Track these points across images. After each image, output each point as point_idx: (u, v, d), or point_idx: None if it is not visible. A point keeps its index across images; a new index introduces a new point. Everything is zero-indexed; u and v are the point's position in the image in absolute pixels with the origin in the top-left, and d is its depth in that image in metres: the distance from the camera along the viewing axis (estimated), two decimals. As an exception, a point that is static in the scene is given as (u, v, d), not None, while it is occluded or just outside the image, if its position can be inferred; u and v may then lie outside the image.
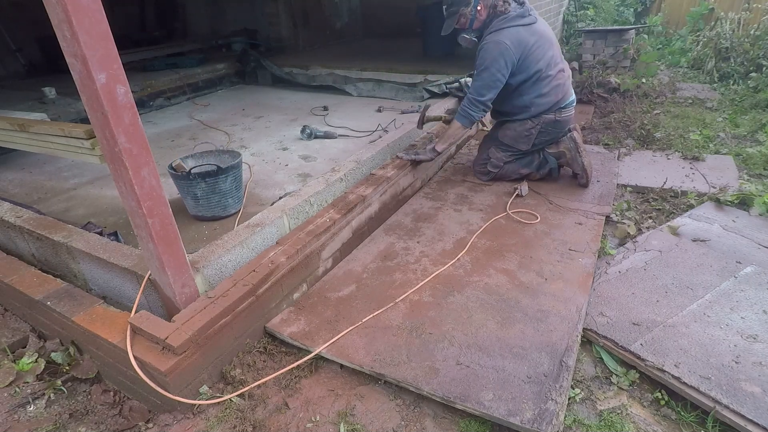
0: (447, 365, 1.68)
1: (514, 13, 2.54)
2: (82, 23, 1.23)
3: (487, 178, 3.04)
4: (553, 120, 2.75)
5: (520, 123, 2.78)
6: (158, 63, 5.42)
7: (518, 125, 2.79)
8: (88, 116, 1.42)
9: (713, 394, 1.54)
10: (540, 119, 2.74)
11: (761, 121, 4.00)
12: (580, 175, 2.92)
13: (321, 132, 3.53)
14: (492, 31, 2.53)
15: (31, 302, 1.98)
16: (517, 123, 2.79)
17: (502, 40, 2.47)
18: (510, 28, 2.51)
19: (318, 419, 1.59)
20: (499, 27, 2.51)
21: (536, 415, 1.46)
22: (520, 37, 2.51)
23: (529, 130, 2.78)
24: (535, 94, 2.68)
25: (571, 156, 2.89)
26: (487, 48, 2.51)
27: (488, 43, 2.50)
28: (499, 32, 2.49)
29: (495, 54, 2.48)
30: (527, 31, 2.55)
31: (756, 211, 2.62)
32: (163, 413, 1.64)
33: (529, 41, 2.54)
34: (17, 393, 1.81)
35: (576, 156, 2.88)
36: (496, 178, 3.02)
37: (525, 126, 2.78)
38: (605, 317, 1.92)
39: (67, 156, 2.34)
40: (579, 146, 2.87)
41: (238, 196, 2.48)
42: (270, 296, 1.93)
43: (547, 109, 2.72)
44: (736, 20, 6.36)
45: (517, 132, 2.82)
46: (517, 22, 2.52)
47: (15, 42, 5.25)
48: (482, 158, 3.03)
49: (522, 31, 2.53)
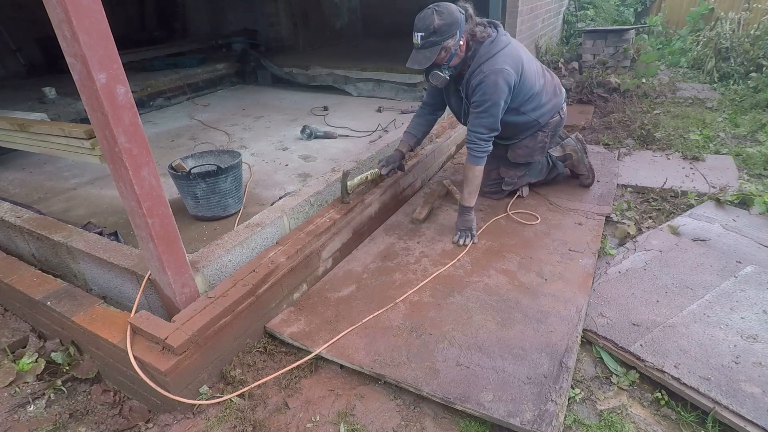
0: (447, 366, 1.68)
1: (495, 34, 2.31)
2: (82, 23, 1.23)
3: (500, 196, 2.87)
4: (559, 119, 2.70)
5: (530, 138, 2.66)
6: (158, 63, 5.42)
7: (529, 141, 2.66)
8: (88, 116, 1.42)
9: (713, 395, 1.54)
10: (548, 126, 2.64)
11: (761, 121, 4.00)
12: (585, 175, 2.91)
13: (321, 132, 3.53)
14: (484, 60, 2.27)
15: (31, 302, 1.97)
16: (527, 139, 2.67)
17: (502, 67, 2.25)
18: (504, 50, 2.29)
19: (318, 419, 1.59)
20: (492, 53, 2.27)
21: (536, 416, 1.46)
22: (514, 55, 2.32)
23: (542, 140, 2.67)
24: (538, 107, 2.54)
25: (578, 158, 2.86)
26: (489, 82, 2.25)
27: (487, 75, 2.25)
28: (494, 59, 2.26)
29: (501, 84, 2.26)
30: (515, 49, 2.37)
31: (756, 210, 2.63)
32: (163, 413, 1.64)
33: (522, 57, 2.38)
34: (17, 393, 1.81)
35: (583, 157, 2.87)
36: (510, 191, 2.87)
37: (537, 139, 2.65)
38: (605, 318, 1.92)
39: (67, 156, 2.35)
40: (585, 147, 2.86)
41: (238, 196, 2.48)
42: (270, 296, 1.93)
43: (553, 114, 2.63)
44: (736, 20, 6.37)
45: (530, 148, 2.68)
46: (504, 42, 2.33)
47: (15, 42, 5.24)
48: (492, 179, 2.82)
49: (512, 50, 2.33)
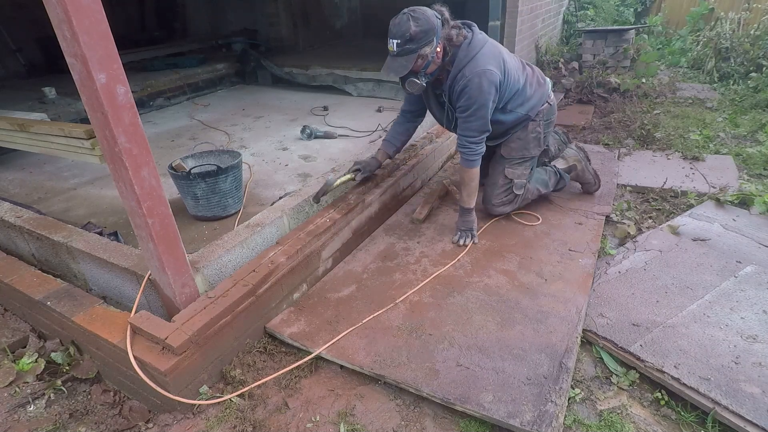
0: (447, 366, 1.68)
1: (470, 35, 2.24)
2: (82, 23, 1.23)
3: (513, 207, 2.63)
4: (549, 107, 2.58)
5: (521, 130, 2.56)
6: (158, 63, 5.41)
7: (521, 133, 2.57)
8: (88, 116, 1.42)
9: (713, 395, 1.54)
10: (539, 115, 2.55)
11: (761, 121, 4.00)
12: (590, 183, 2.87)
13: (321, 132, 3.53)
14: (465, 64, 2.21)
15: (31, 302, 1.97)
16: (519, 132, 2.57)
17: (484, 68, 2.19)
18: (482, 50, 2.22)
19: (318, 419, 1.59)
20: (471, 55, 2.21)
21: (536, 417, 1.46)
22: (494, 53, 2.26)
23: (535, 129, 2.56)
24: (525, 102, 2.47)
25: (582, 167, 2.82)
26: (473, 85, 2.20)
27: (471, 78, 2.19)
28: (474, 60, 2.20)
29: (485, 86, 2.20)
30: (494, 47, 2.30)
31: (756, 210, 2.63)
32: (163, 413, 1.64)
33: (503, 54, 2.32)
34: (17, 393, 1.81)
35: (587, 164, 2.84)
36: (521, 206, 2.67)
37: (528, 129, 2.56)
38: (605, 318, 1.92)
39: (67, 156, 2.35)
40: (588, 154, 2.84)
41: (238, 196, 2.48)
42: (270, 296, 1.93)
43: (541, 104, 2.54)
44: (736, 20, 6.37)
45: (522, 140, 2.56)
46: (481, 41, 2.25)
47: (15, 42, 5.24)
48: (500, 187, 2.58)
49: (491, 48, 2.27)
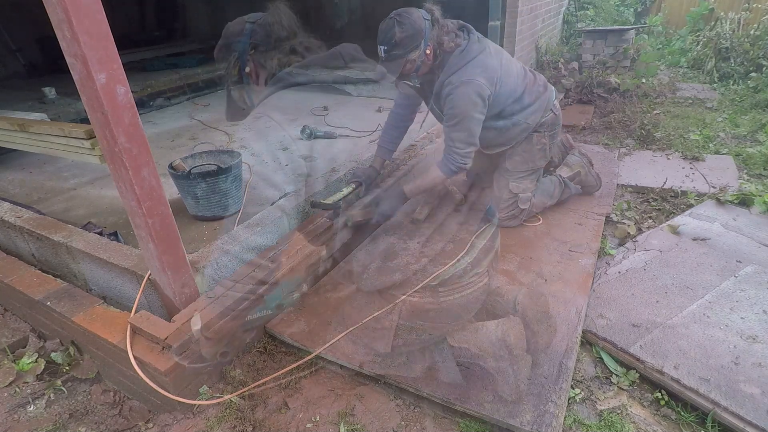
0: (447, 366, 1.68)
1: (465, 43, 2.17)
2: (82, 23, 1.23)
3: (518, 221, 2.56)
4: (554, 116, 2.50)
5: (526, 142, 2.47)
6: (158, 63, 5.41)
7: (525, 145, 2.47)
8: (88, 116, 1.42)
9: (712, 396, 1.54)
10: (543, 126, 2.46)
11: (761, 121, 4.00)
12: (592, 185, 2.87)
13: (321, 132, 3.53)
14: (453, 71, 2.14)
15: (31, 302, 1.98)
16: (523, 144, 2.47)
17: (472, 78, 2.12)
18: (474, 60, 2.15)
19: (318, 419, 1.59)
20: (461, 64, 2.14)
21: (536, 417, 1.46)
22: (487, 64, 2.17)
23: (540, 141, 2.46)
24: (523, 109, 2.37)
25: (586, 172, 2.81)
26: (458, 93, 2.13)
27: (457, 87, 2.13)
28: (464, 69, 2.14)
29: (471, 96, 2.13)
30: (489, 57, 2.20)
31: (757, 209, 2.63)
32: (163, 413, 1.64)
33: (496, 65, 2.22)
34: (17, 393, 1.81)
35: (590, 170, 2.83)
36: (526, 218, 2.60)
37: (532, 141, 2.47)
38: (605, 318, 1.92)
39: (67, 156, 2.35)
40: (590, 159, 2.84)
41: (238, 196, 2.47)
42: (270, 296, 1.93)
43: (544, 113, 2.45)
44: (736, 20, 6.37)
45: (527, 153, 2.47)
46: (476, 51, 2.17)
47: (15, 42, 5.24)
48: (505, 201, 2.52)
49: (485, 59, 2.18)
